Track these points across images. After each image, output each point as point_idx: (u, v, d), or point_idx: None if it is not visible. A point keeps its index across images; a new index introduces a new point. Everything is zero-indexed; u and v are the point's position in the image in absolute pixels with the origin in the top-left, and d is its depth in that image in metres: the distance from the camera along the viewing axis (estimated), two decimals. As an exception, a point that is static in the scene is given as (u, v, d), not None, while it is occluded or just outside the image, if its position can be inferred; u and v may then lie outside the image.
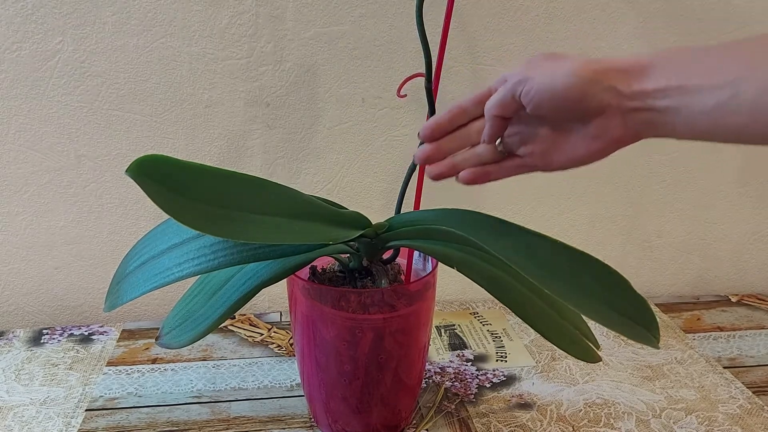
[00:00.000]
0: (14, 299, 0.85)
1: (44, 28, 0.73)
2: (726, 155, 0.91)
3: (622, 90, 0.42)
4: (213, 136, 0.80)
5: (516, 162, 0.49)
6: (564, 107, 0.44)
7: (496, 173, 0.50)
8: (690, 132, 0.40)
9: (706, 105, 0.38)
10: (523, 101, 0.45)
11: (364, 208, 0.57)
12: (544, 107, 0.44)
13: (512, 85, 0.45)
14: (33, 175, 0.79)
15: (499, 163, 0.50)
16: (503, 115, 0.47)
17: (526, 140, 0.48)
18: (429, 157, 0.51)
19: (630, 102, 0.42)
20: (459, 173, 0.50)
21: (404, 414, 0.64)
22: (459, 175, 0.50)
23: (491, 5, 0.79)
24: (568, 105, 0.43)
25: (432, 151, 0.50)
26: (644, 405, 0.69)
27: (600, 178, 0.89)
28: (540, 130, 0.47)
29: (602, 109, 0.43)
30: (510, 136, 0.49)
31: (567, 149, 0.47)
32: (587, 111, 0.43)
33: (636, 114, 0.42)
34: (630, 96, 0.41)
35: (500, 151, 0.49)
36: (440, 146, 0.50)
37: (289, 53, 0.77)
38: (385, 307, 0.56)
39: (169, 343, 0.55)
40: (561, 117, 0.45)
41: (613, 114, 0.43)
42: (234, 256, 0.50)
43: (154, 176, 0.43)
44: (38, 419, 0.65)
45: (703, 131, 0.40)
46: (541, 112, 0.45)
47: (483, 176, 0.50)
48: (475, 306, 0.90)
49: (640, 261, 0.95)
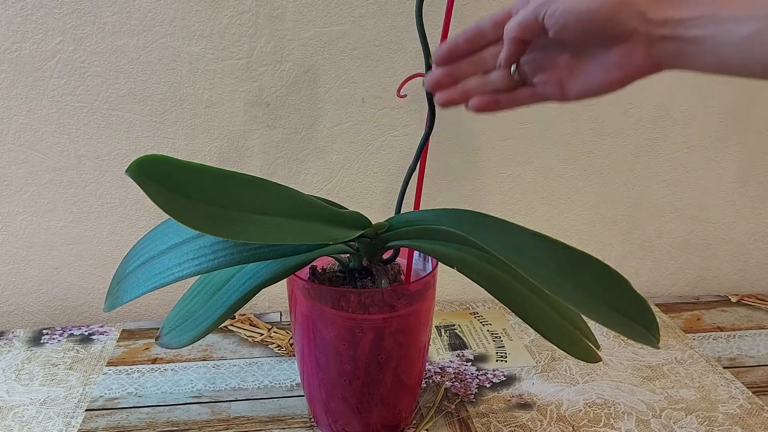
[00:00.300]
0: (14, 299, 0.85)
1: (44, 28, 0.73)
2: (726, 155, 0.91)
3: (651, 16, 0.41)
4: (213, 136, 0.80)
5: (529, 91, 0.47)
6: (589, 30, 0.42)
7: (508, 102, 0.48)
8: (716, 65, 0.40)
9: (738, 35, 0.38)
10: (546, 23, 0.43)
11: (364, 208, 0.57)
12: (569, 30, 0.42)
13: (536, 6, 0.43)
14: (33, 175, 0.79)
15: (511, 92, 0.48)
16: (523, 37, 0.45)
17: (542, 67, 0.46)
18: (439, 83, 0.49)
19: (659, 29, 0.40)
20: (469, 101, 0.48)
21: (404, 414, 0.64)
22: (469, 103, 0.48)
23: (491, 5, 0.79)
24: (593, 28, 0.42)
25: (443, 77, 0.49)
26: (644, 405, 0.69)
27: (600, 178, 0.89)
28: (558, 56, 0.46)
29: (628, 35, 0.42)
30: (526, 62, 0.47)
31: (585, 77, 0.45)
32: (612, 36, 0.42)
33: (663, 43, 0.41)
34: (659, 23, 0.40)
35: (515, 79, 0.47)
36: (452, 71, 0.49)
37: (289, 53, 0.77)
38: (385, 307, 0.56)
39: (169, 343, 0.55)
40: (584, 41, 0.44)
41: (638, 41, 0.42)
42: (234, 256, 0.50)
43: (154, 176, 0.43)
44: (38, 419, 0.65)
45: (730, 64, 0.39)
46: (564, 35, 0.43)
47: (493, 104, 0.48)
48: (475, 306, 0.90)
49: (640, 261, 0.95)
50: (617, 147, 0.88)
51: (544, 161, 0.87)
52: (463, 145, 0.85)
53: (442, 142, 0.84)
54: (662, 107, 0.87)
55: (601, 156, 0.88)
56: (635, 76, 0.43)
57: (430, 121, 0.55)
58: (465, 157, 0.85)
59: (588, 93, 0.45)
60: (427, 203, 0.60)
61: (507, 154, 0.86)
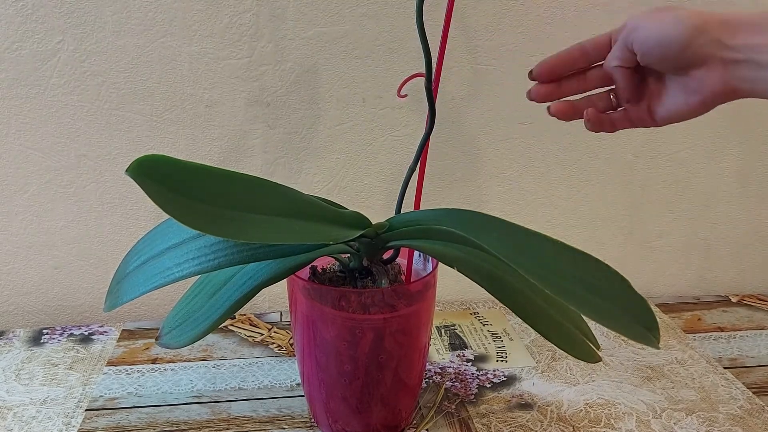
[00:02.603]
0: (14, 299, 0.85)
1: (44, 27, 0.73)
2: (726, 155, 0.91)
3: (727, 42, 0.43)
4: (213, 136, 0.80)
5: (623, 114, 0.51)
6: (668, 56, 0.45)
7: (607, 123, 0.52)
8: None
9: None
10: (634, 50, 0.46)
11: (364, 208, 0.57)
12: (653, 55, 0.46)
13: (625, 34, 0.47)
14: (33, 175, 0.79)
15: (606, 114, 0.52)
16: (623, 65, 0.48)
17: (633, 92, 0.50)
18: (550, 94, 0.52)
19: (733, 54, 0.43)
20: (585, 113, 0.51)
21: (404, 414, 0.64)
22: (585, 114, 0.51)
23: (491, 5, 0.79)
24: (672, 53, 0.45)
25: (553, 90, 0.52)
26: (645, 405, 0.69)
27: (600, 178, 0.89)
28: (647, 80, 0.49)
29: (704, 60, 0.44)
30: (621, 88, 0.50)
31: (669, 103, 0.48)
32: (691, 60, 0.45)
33: (737, 67, 0.43)
34: (734, 48, 0.43)
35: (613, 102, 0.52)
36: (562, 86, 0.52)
37: (289, 53, 0.77)
38: (385, 307, 0.56)
39: (169, 343, 0.55)
40: (665, 67, 0.47)
41: (714, 66, 0.44)
42: (234, 256, 0.50)
43: (154, 176, 0.43)
44: (38, 419, 0.65)
45: None
46: (649, 60, 0.46)
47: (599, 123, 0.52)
48: (475, 306, 0.90)
49: (640, 261, 0.95)
50: (617, 147, 0.88)
51: (544, 161, 0.87)
52: (463, 145, 0.85)
53: (442, 142, 0.84)
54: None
55: (601, 156, 0.88)
56: (712, 101, 0.46)
57: (430, 121, 0.55)
58: (465, 157, 0.85)
59: (672, 118, 0.49)
60: (427, 203, 0.60)
61: (507, 155, 0.86)
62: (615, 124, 0.52)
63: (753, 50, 0.42)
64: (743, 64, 0.43)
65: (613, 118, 0.52)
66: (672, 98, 0.48)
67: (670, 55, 0.45)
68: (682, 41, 0.44)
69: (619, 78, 0.49)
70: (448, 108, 0.82)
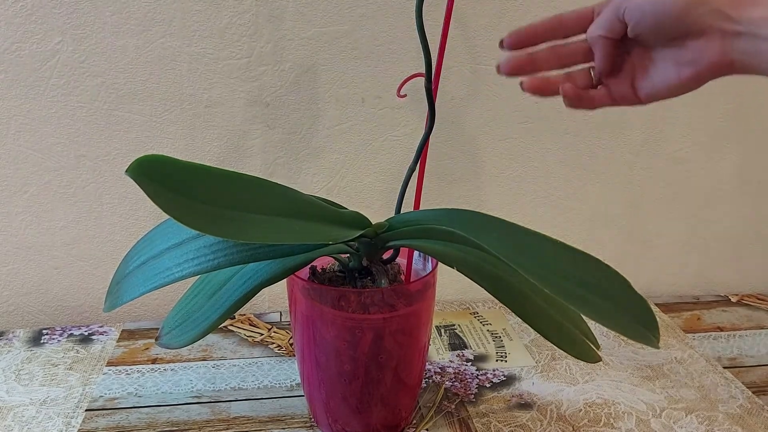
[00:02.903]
0: (14, 299, 0.85)
1: (44, 28, 0.73)
2: (726, 155, 0.91)
3: (729, 13, 0.42)
4: (213, 136, 0.80)
5: (603, 91, 0.49)
6: (664, 25, 0.44)
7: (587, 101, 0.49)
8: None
9: None
10: (626, 19, 0.45)
11: (364, 208, 0.57)
12: (645, 25, 0.44)
13: (616, 3, 0.45)
14: (33, 175, 0.79)
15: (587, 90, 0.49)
16: (607, 35, 0.46)
17: (617, 68, 0.48)
18: (521, 66, 0.49)
19: (734, 25, 0.42)
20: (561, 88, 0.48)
21: (404, 414, 0.64)
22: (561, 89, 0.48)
23: (491, 5, 0.79)
24: (669, 22, 0.43)
25: (524, 61, 0.49)
26: (644, 405, 0.69)
27: (600, 178, 0.89)
28: (632, 56, 0.47)
29: (703, 31, 0.43)
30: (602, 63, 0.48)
31: (657, 76, 0.46)
32: (688, 30, 0.43)
33: (738, 39, 0.42)
34: (736, 20, 0.42)
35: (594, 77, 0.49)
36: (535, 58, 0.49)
37: (289, 53, 0.77)
38: (385, 307, 0.56)
39: (169, 343, 0.55)
40: (659, 37, 0.45)
41: (713, 37, 0.43)
42: (234, 256, 0.50)
43: (154, 176, 0.43)
44: (38, 419, 0.65)
45: None
46: (641, 30, 0.45)
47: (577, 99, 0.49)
48: (475, 306, 0.90)
49: (640, 261, 0.95)
50: (617, 147, 0.88)
51: (544, 161, 0.87)
52: (463, 145, 0.85)
53: (441, 142, 0.84)
54: (662, 107, 0.87)
55: (601, 156, 0.88)
56: (707, 74, 0.44)
57: (430, 121, 0.56)
58: (465, 157, 0.85)
59: (659, 94, 0.47)
60: (427, 203, 0.60)
61: (507, 154, 0.86)
62: (595, 100, 0.49)
63: (755, 23, 0.41)
64: (744, 37, 0.41)
65: (593, 95, 0.49)
66: (660, 72, 0.46)
67: (666, 23, 0.43)
68: (680, 9, 0.42)
69: (599, 50, 0.47)
70: (448, 108, 0.82)
